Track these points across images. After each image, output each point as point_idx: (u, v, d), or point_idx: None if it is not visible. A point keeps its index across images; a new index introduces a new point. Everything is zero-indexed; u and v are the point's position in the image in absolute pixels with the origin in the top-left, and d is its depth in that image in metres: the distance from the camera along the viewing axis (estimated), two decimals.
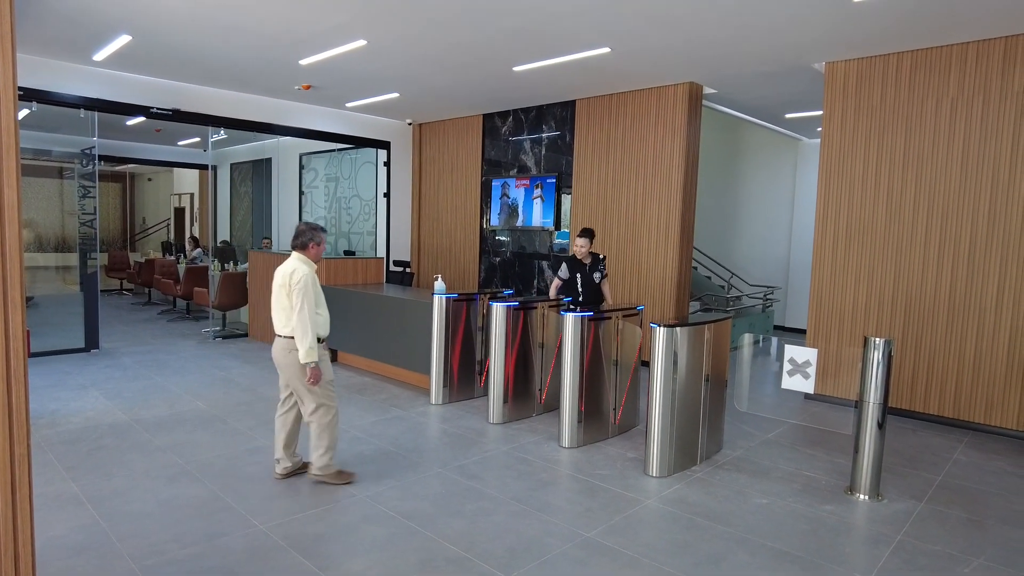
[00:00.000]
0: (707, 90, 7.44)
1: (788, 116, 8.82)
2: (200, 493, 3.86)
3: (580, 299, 5.95)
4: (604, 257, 6.14)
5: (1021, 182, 5.31)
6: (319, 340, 3.91)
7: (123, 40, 6.16)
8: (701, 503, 3.94)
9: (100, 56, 6.74)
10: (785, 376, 4.20)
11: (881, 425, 4.04)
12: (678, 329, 4.29)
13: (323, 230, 4.08)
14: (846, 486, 4.22)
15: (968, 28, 5.19)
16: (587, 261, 5.99)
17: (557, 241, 8.67)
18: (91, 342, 7.76)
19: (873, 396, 4.03)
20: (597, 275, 6.00)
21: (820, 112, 6.51)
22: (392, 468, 4.36)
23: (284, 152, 12.03)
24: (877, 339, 4.00)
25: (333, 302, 7.26)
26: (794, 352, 4.17)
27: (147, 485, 3.95)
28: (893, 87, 5.89)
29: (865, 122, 6.05)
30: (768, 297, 10.39)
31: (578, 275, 5.98)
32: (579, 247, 5.94)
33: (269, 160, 12.46)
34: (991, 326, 5.48)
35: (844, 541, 3.53)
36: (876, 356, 4.00)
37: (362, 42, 6.06)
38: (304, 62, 6.81)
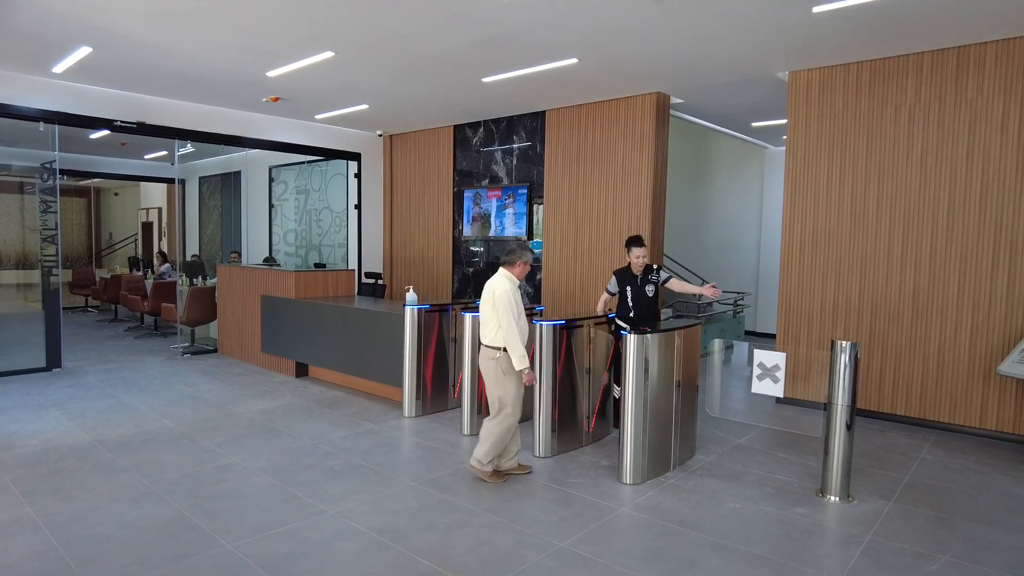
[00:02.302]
0: (674, 99, 7.54)
1: (754, 124, 8.97)
2: (165, 513, 3.76)
3: (632, 315, 5.32)
4: (658, 267, 5.48)
5: (976, 187, 5.45)
6: None
7: (83, 52, 6.04)
8: (674, 509, 3.94)
9: (60, 68, 6.61)
10: (755, 380, 4.24)
11: (850, 427, 4.09)
12: (648, 336, 4.30)
13: (530, 250, 4.36)
14: (817, 488, 4.27)
15: (922, 39, 5.34)
16: (638, 272, 5.37)
17: (535, 252, 8.67)
18: (53, 361, 7.55)
19: (841, 398, 4.08)
20: (651, 288, 5.34)
21: (785, 120, 6.63)
22: (364, 483, 4.30)
23: (253, 165, 11.90)
24: (844, 342, 4.06)
25: (303, 316, 7.20)
26: (763, 356, 4.21)
27: (109, 507, 3.83)
28: (854, 95, 6.02)
29: (828, 129, 6.18)
30: (738, 303, 10.52)
31: (628, 288, 5.36)
32: (637, 259, 5.29)
33: (238, 173, 12.31)
34: (952, 327, 5.60)
35: (815, 543, 3.55)
36: (843, 359, 4.06)
37: (330, 54, 6.02)
38: (272, 74, 6.75)
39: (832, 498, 4.12)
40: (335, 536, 3.52)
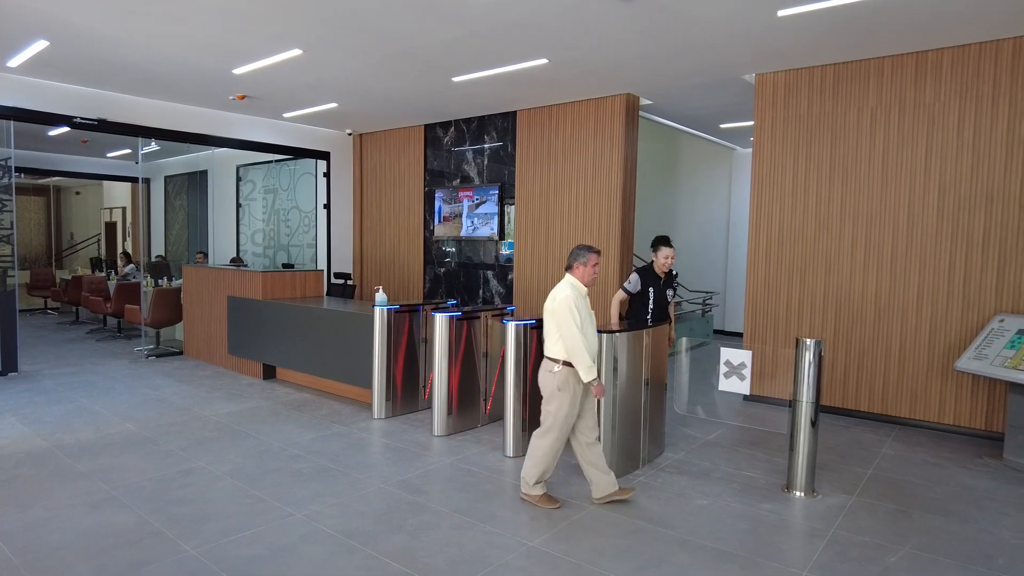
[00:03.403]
0: (644, 101, 7.60)
1: (723, 126, 9.10)
2: (127, 520, 3.66)
3: (650, 318, 5.21)
4: (677, 273, 5.45)
5: (933, 190, 5.60)
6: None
7: (40, 45, 5.87)
8: (643, 507, 3.97)
9: (15, 62, 6.41)
10: (722, 378, 4.30)
11: (814, 423, 4.17)
12: (617, 335, 4.33)
13: (592, 250, 3.97)
14: (783, 484, 4.33)
15: (882, 44, 5.47)
16: (663, 274, 5.33)
17: (504, 252, 8.66)
18: (8, 365, 7.32)
19: (806, 395, 4.15)
20: (671, 292, 5.35)
21: (752, 122, 6.73)
22: (332, 485, 4.24)
23: (220, 164, 11.70)
24: (808, 340, 4.13)
25: (271, 317, 7.09)
26: (730, 355, 4.27)
27: (68, 515, 3.72)
28: (819, 97, 6.14)
29: (794, 131, 6.29)
30: (707, 302, 10.65)
31: (651, 290, 5.27)
32: (667, 259, 5.23)
33: (205, 172, 12.10)
34: (913, 326, 5.74)
35: (781, 538, 3.61)
36: (808, 356, 4.13)
37: (297, 52, 5.95)
38: (238, 71, 6.64)
39: (797, 493, 4.19)
40: (302, 539, 3.47)
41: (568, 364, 3.81)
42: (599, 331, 4.31)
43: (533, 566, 3.22)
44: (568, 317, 3.76)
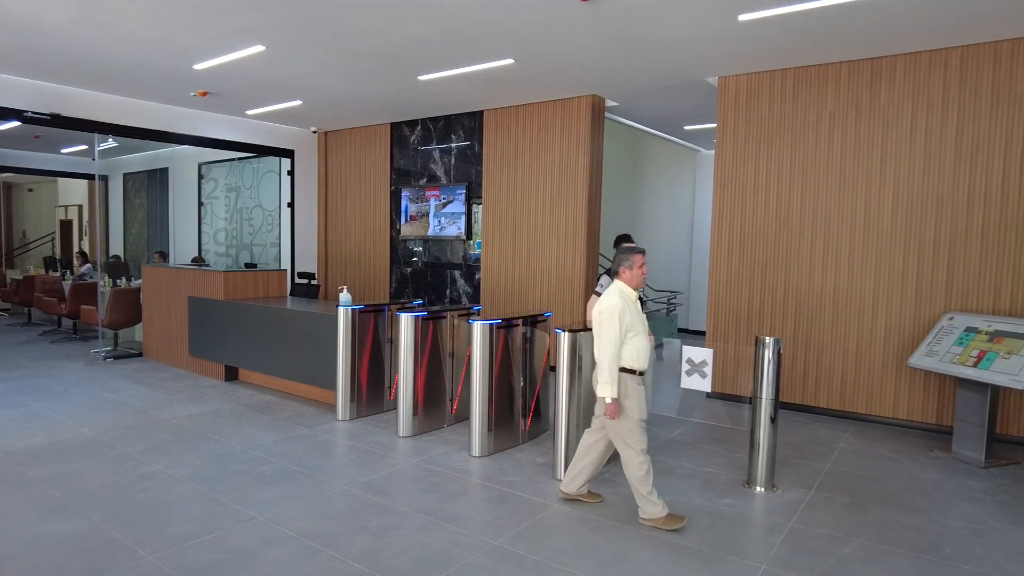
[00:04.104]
0: (609, 103, 7.67)
1: (687, 128, 9.23)
2: (80, 527, 3.57)
3: None
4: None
5: (888, 191, 5.77)
6: (640, 373, 3.71)
7: None
8: (607, 504, 4.01)
9: None
10: (684, 376, 4.36)
11: (774, 420, 4.26)
12: (581, 334, 4.36)
13: (635, 250, 3.79)
14: (744, 480, 4.42)
15: (839, 49, 5.61)
16: None
17: (474, 252, 8.65)
18: None
19: (766, 392, 4.24)
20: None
21: (715, 124, 6.84)
22: (295, 488, 4.19)
23: (181, 161, 11.46)
24: (767, 338, 4.22)
25: (233, 318, 6.97)
26: (691, 353, 4.33)
27: (16, 523, 3.61)
28: (779, 100, 6.27)
29: (755, 133, 6.41)
30: (672, 301, 10.80)
31: None
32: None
33: (165, 170, 11.84)
34: (869, 324, 5.91)
35: (741, 532, 3.68)
36: (767, 354, 4.22)
37: (260, 48, 5.86)
38: (199, 67, 6.51)
39: (758, 488, 4.28)
40: (264, 542, 3.42)
41: (625, 370, 3.68)
42: (561, 330, 4.34)
43: (497, 565, 3.23)
44: (611, 326, 3.60)
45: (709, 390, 4.46)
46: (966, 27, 5.03)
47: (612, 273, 3.81)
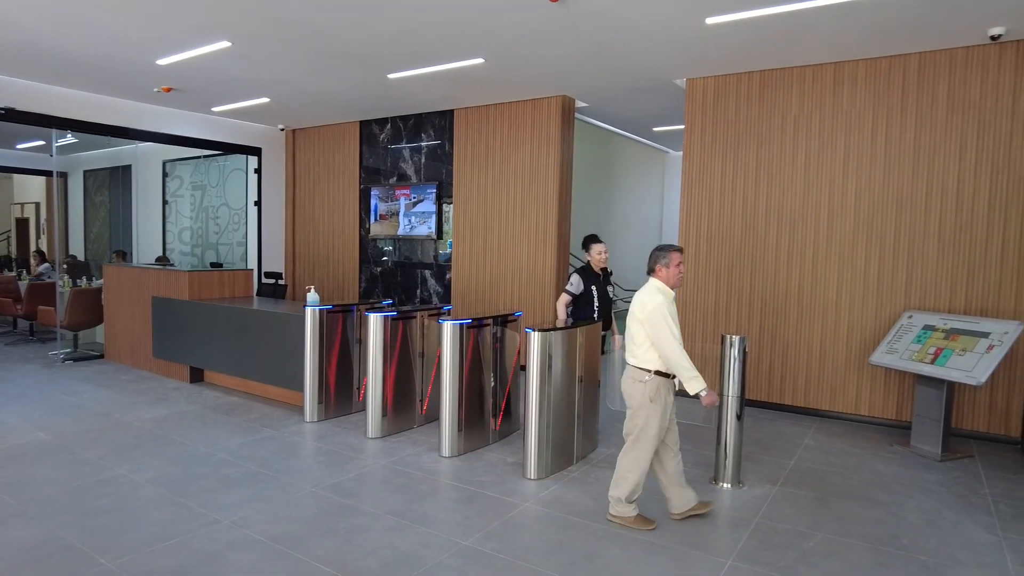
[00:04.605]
0: (579, 103, 7.71)
1: (656, 129, 9.34)
2: (35, 535, 3.46)
3: (596, 316, 5.25)
4: (612, 271, 5.56)
5: (851, 193, 5.90)
6: (668, 376, 3.66)
7: None
8: (577, 502, 4.04)
9: None
10: None
11: (740, 417, 4.33)
12: (551, 333, 4.38)
13: (672, 248, 3.77)
14: (711, 476, 4.48)
15: (804, 54, 5.72)
16: (600, 270, 5.40)
17: (445, 251, 8.62)
18: None
19: (731, 390, 4.31)
20: (610, 288, 5.46)
21: (683, 126, 6.92)
22: (261, 491, 4.13)
23: (145, 159, 11.19)
24: (733, 337, 4.29)
25: (198, 318, 6.84)
26: None
27: None
28: (746, 103, 6.37)
29: (722, 135, 6.51)
30: None
31: (594, 288, 5.31)
32: (600, 254, 5.33)
33: (128, 167, 11.54)
34: (832, 323, 6.04)
35: (708, 528, 3.73)
36: (733, 352, 4.29)
37: (226, 43, 5.76)
38: (162, 62, 6.37)
39: (724, 485, 4.35)
40: (229, 546, 3.37)
41: (660, 373, 3.64)
42: (531, 329, 4.35)
43: (467, 565, 3.23)
44: (663, 327, 3.53)
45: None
46: (922, 35, 5.17)
47: (648, 272, 3.80)
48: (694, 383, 3.53)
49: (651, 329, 3.57)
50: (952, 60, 5.45)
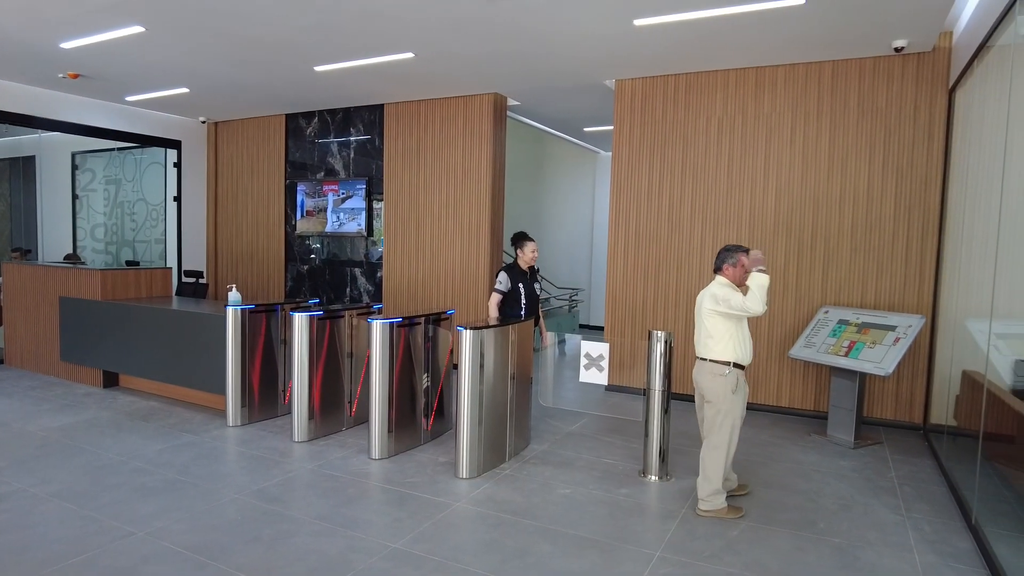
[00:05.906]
0: (512, 102, 7.72)
1: (587, 130, 9.45)
2: None
3: (524, 314, 5.24)
4: (539, 268, 5.46)
5: (771, 194, 6.15)
6: (741, 367, 3.87)
7: None
8: (508, 500, 4.03)
9: None
10: (582, 370, 4.45)
11: (667, 411, 4.43)
12: (483, 331, 4.36)
13: (740, 249, 3.92)
14: (640, 469, 4.57)
15: (727, 58, 5.92)
16: (528, 268, 5.42)
17: (376, 249, 8.45)
18: None
19: (658, 384, 4.40)
20: (537, 286, 5.48)
21: (612, 127, 7.03)
22: (180, 499, 3.93)
23: (51, 150, 10.47)
24: (659, 332, 4.38)
25: (112, 319, 6.46)
26: (589, 347, 4.43)
27: None
28: (672, 105, 6.53)
29: (649, 136, 6.65)
30: (573, 298, 11.04)
31: (520, 285, 5.31)
32: (532, 253, 5.35)
33: (32, 158, 10.77)
34: (755, 319, 6.23)
35: (636, 521, 3.80)
36: (659, 348, 4.38)
37: (139, 28, 5.45)
38: (67, 45, 5.97)
39: (652, 478, 4.44)
40: (143, 560, 3.18)
41: (737, 366, 3.85)
42: (463, 327, 4.32)
43: (397, 568, 3.16)
44: (734, 294, 3.77)
45: (607, 383, 4.59)
46: (835, 44, 5.44)
47: (715, 270, 3.99)
48: (760, 282, 3.72)
49: (725, 304, 3.79)
50: (862, 69, 5.75)
